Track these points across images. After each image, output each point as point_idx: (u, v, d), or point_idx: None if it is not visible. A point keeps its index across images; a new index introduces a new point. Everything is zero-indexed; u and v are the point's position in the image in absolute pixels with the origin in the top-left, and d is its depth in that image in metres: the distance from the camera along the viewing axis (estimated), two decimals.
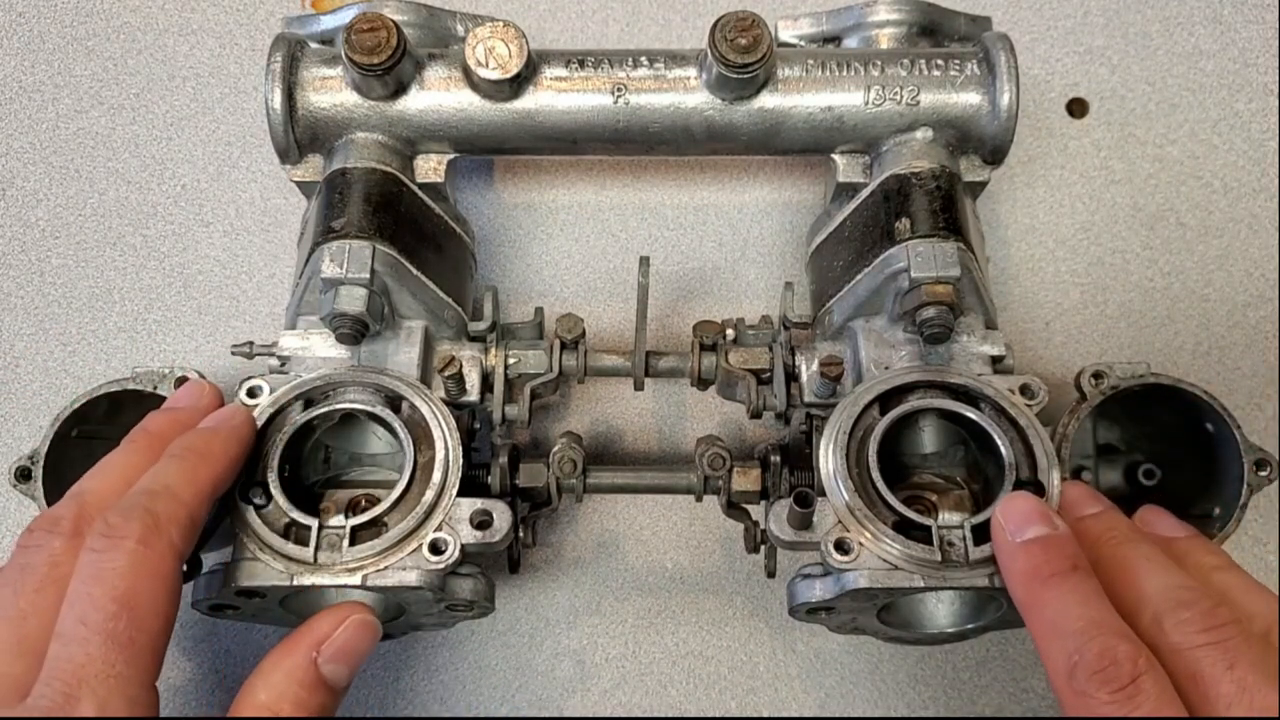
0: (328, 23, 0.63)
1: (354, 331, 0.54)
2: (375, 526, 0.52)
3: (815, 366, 0.57)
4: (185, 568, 0.53)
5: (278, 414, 0.54)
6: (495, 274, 0.70)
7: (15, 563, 0.45)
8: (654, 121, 0.59)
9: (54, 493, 0.55)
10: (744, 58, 0.55)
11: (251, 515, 0.51)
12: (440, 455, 0.53)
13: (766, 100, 0.59)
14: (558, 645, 0.63)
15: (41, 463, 0.55)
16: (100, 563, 0.43)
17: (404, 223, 0.57)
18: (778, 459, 0.56)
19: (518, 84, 0.58)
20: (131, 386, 0.56)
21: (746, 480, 0.57)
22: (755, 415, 0.58)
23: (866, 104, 0.59)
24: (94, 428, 0.57)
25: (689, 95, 0.59)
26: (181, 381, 0.56)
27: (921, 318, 0.54)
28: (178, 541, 0.45)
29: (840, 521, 0.51)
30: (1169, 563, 0.46)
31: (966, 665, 0.63)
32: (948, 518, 0.54)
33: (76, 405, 0.55)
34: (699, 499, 0.58)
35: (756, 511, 0.58)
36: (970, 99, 0.59)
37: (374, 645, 0.50)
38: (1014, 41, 0.59)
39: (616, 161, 0.73)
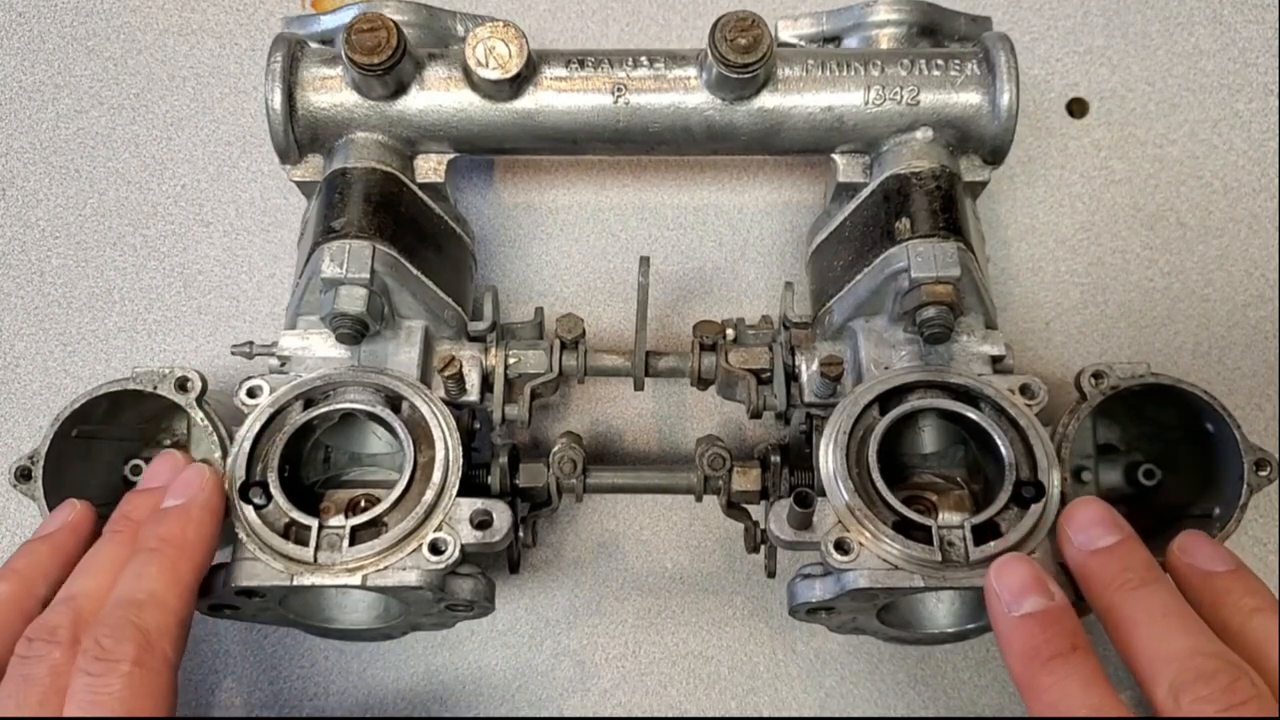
0: (328, 23, 0.63)
1: (354, 331, 0.54)
2: (375, 526, 0.52)
3: (815, 366, 0.57)
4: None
5: (278, 414, 0.54)
6: (495, 274, 0.70)
7: (16, 674, 0.44)
8: (654, 121, 0.59)
9: (54, 493, 0.55)
10: (744, 58, 0.55)
11: (251, 515, 0.51)
12: (440, 455, 0.53)
13: (766, 100, 0.59)
14: (558, 645, 0.63)
15: (41, 463, 0.55)
16: (97, 688, 0.43)
17: (404, 223, 0.57)
18: (778, 459, 0.56)
19: (518, 84, 0.58)
20: (131, 386, 0.56)
21: (746, 480, 0.57)
22: (755, 415, 0.58)
23: (866, 104, 0.59)
24: (94, 428, 0.57)
25: (689, 95, 0.59)
26: (182, 382, 0.56)
27: (921, 318, 0.54)
28: (171, 654, 0.45)
29: (840, 521, 0.51)
30: (1190, 618, 0.44)
31: (966, 665, 0.63)
32: (948, 518, 0.54)
33: (76, 405, 0.55)
34: (699, 499, 0.58)
35: (756, 511, 0.58)
36: (970, 99, 0.59)
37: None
38: (1014, 41, 0.59)
39: (616, 161, 0.73)
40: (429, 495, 0.51)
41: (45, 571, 0.49)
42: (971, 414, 0.53)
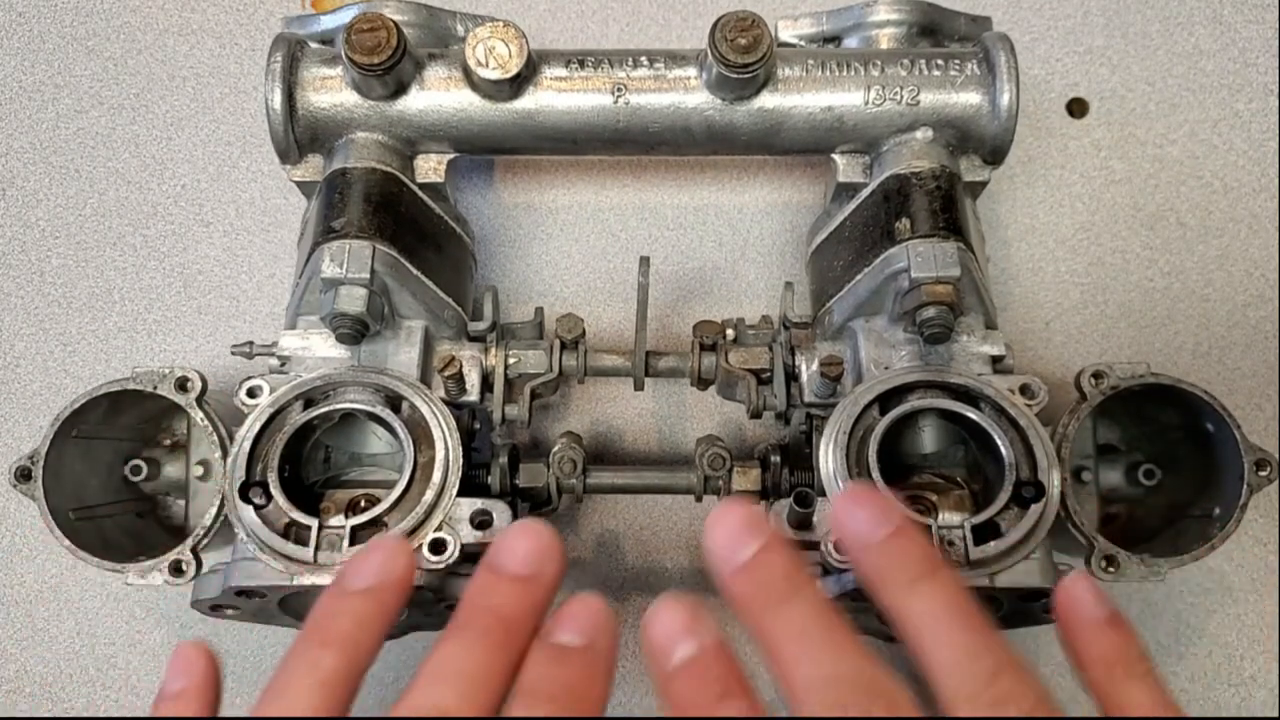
0: (328, 23, 0.63)
1: (354, 331, 0.54)
2: (375, 526, 0.52)
3: (815, 366, 0.57)
4: (185, 567, 0.54)
5: (278, 414, 0.54)
6: (495, 274, 0.70)
7: None
8: (654, 121, 0.59)
9: (54, 493, 0.55)
10: (744, 58, 0.55)
11: (251, 515, 0.51)
12: (440, 455, 0.53)
13: (766, 100, 0.59)
14: None
15: (41, 463, 0.55)
16: None
17: (404, 223, 0.57)
18: (778, 459, 0.56)
19: (518, 84, 0.58)
20: (131, 386, 0.56)
21: (746, 480, 0.57)
22: (755, 415, 0.58)
23: (866, 104, 0.59)
24: (94, 428, 0.57)
25: (689, 95, 0.59)
26: (182, 382, 0.56)
27: (921, 318, 0.54)
28: None
29: None
30: (834, 633, 0.38)
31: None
32: (948, 518, 0.54)
33: (76, 405, 0.55)
34: (699, 499, 0.58)
35: None
36: (970, 99, 0.59)
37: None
38: (1014, 41, 0.59)
39: (616, 161, 0.73)
40: (429, 495, 0.51)
41: (523, 634, 0.38)
42: (971, 414, 0.53)
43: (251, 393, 0.54)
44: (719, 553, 0.40)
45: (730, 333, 0.60)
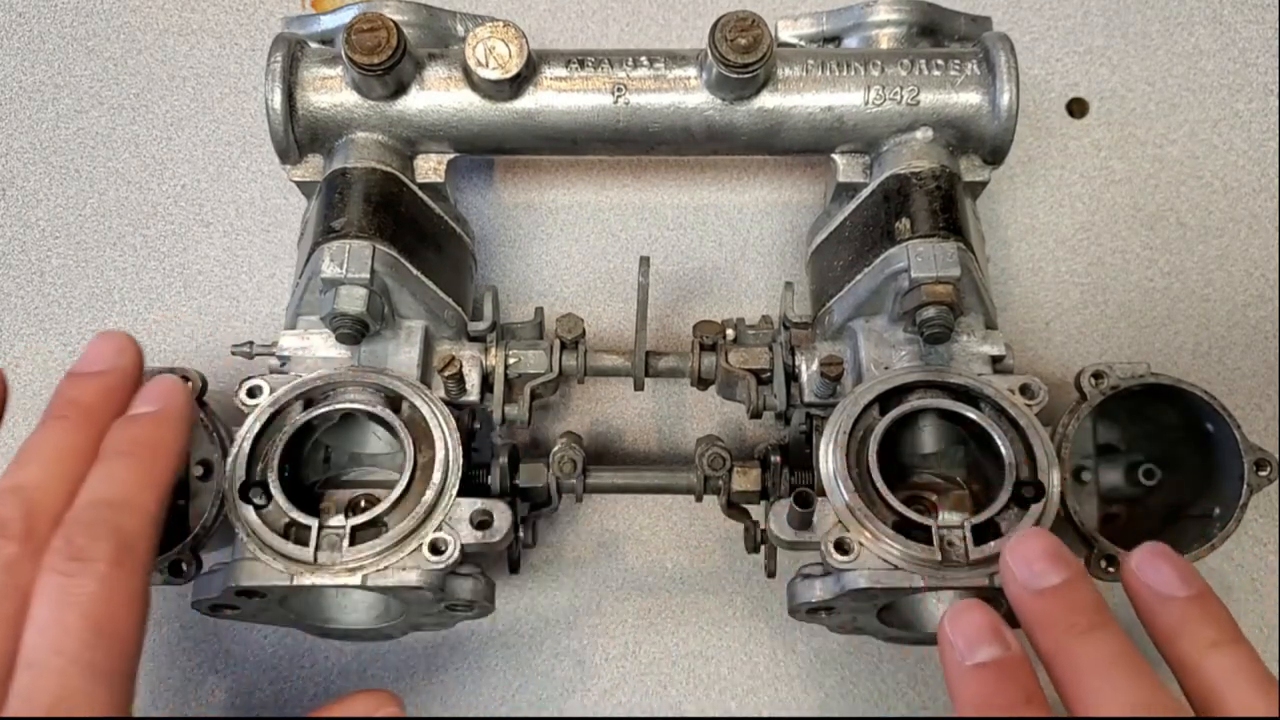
0: (328, 23, 0.63)
1: (354, 331, 0.54)
2: (375, 526, 0.52)
3: (815, 366, 0.57)
4: (185, 567, 0.54)
5: (278, 414, 0.54)
6: (495, 274, 0.70)
7: None
8: (654, 121, 0.59)
9: None
10: (744, 58, 0.55)
11: (251, 515, 0.51)
12: (440, 455, 0.53)
13: (766, 100, 0.59)
14: (558, 645, 0.63)
15: None
16: (70, 588, 0.39)
17: (404, 223, 0.57)
18: (778, 459, 0.56)
19: (518, 84, 0.58)
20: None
21: (746, 480, 0.57)
22: (755, 415, 0.58)
23: (866, 104, 0.59)
24: None
25: (689, 95, 0.59)
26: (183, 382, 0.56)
27: (921, 318, 0.54)
28: (146, 558, 0.42)
29: (840, 521, 0.51)
30: (1138, 666, 0.40)
31: None
32: (948, 518, 0.54)
33: None
34: (699, 499, 0.58)
35: (756, 511, 0.58)
36: (970, 99, 0.59)
37: None
38: (1014, 41, 0.59)
39: (616, 161, 0.73)
40: (429, 495, 0.51)
41: (102, 417, 0.46)
42: (971, 414, 0.53)
43: (251, 393, 0.54)
44: (1022, 573, 0.43)
45: (730, 333, 0.60)
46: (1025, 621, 0.43)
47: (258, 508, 0.51)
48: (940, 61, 0.59)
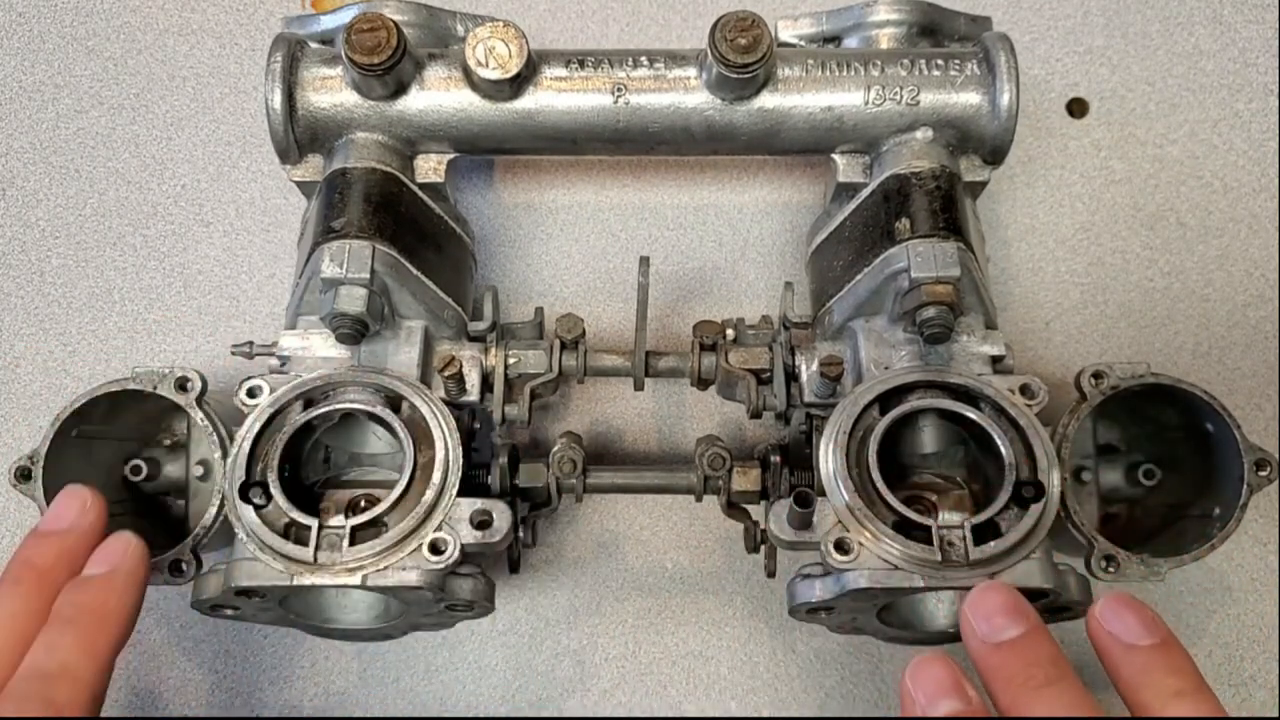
0: (328, 23, 0.63)
1: (354, 331, 0.54)
2: (375, 526, 0.52)
3: (815, 366, 0.57)
4: (185, 567, 0.54)
5: (278, 414, 0.54)
6: (495, 274, 0.70)
7: None
8: (654, 121, 0.59)
9: (54, 493, 0.55)
10: (744, 58, 0.55)
11: (251, 515, 0.51)
12: (440, 455, 0.53)
13: (766, 100, 0.59)
14: (558, 645, 0.63)
15: (41, 463, 0.55)
16: None
17: (404, 223, 0.57)
18: (778, 459, 0.56)
19: (518, 84, 0.58)
20: (131, 386, 0.56)
21: (746, 480, 0.57)
22: (755, 415, 0.58)
23: (866, 104, 0.59)
24: (94, 428, 0.57)
25: (689, 95, 0.59)
26: (182, 382, 0.56)
27: (921, 318, 0.54)
28: None
29: (840, 521, 0.51)
30: None
31: (966, 665, 0.63)
32: (948, 518, 0.54)
33: (76, 405, 0.55)
34: (699, 499, 0.58)
35: (756, 511, 0.58)
36: (970, 99, 0.59)
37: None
38: (1014, 41, 0.59)
39: (616, 161, 0.73)
40: (429, 495, 0.51)
41: (56, 580, 0.46)
42: (971, 414, 0.53)
43: (251, 393, 0.54)
44: (981, 627, 0.44)
45: (730, 333, 0.60)
46: (984, 674, 0.44)
47: (258, 508, 0.51)
48: (940, 61, 0.59)
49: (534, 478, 0.57)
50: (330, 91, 0.58)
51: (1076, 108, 0.75)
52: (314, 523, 0.51)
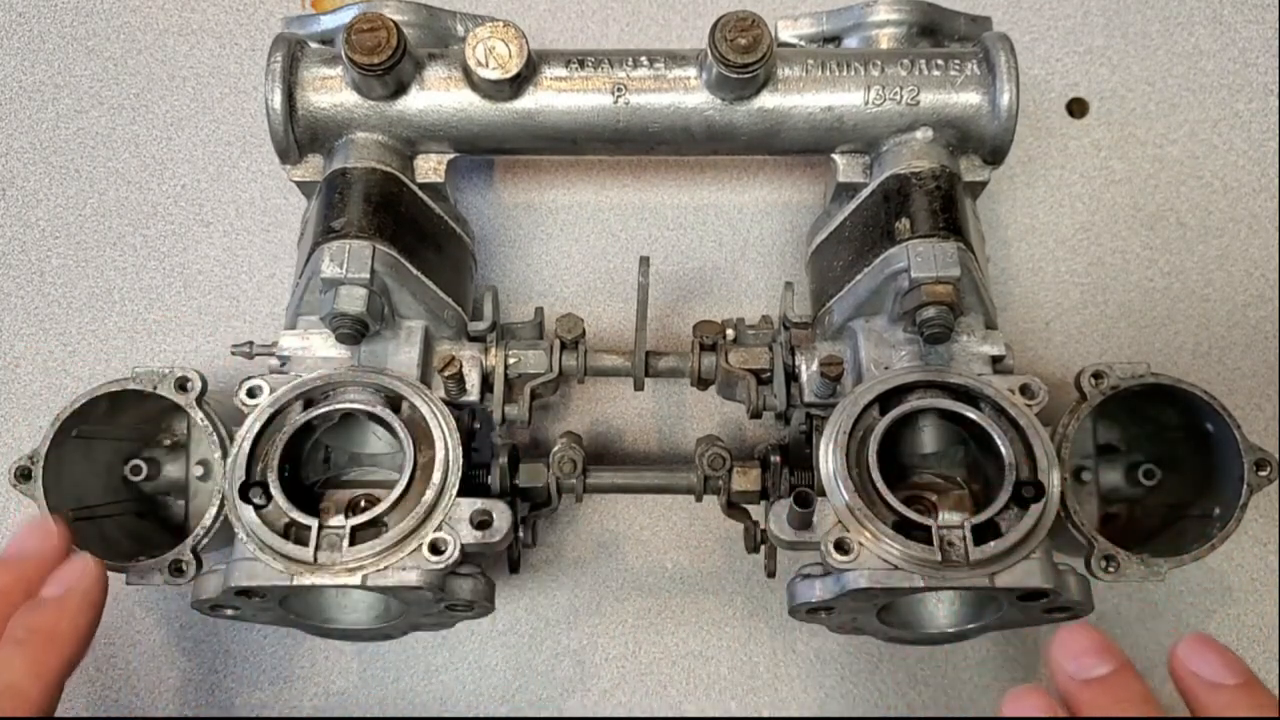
0: (328, 23, 0.63)
1: (354, 331, 0.54)
2: (375, 526, 0.52)
3: (815, 366, 0.57)
4: (185, 567, 0.54)
5: (278, 414, 0.54)
6: (495, 274, 0.70)
7: None
8: (654, 121, 0.59)
9: (54, 493, 0.55)
10: (744, 58, 0.55)
11: (251, 515, 0.51)
12: (440, 455, 0.53)
13: (766, 100, 0.59)
14: (558, 645, 0.63)
15: (41, 463, 0.55)
16: None
17: (404, 223, 0.57)
18: (778, 459, 0.56)
19: (518, 84, 0.58)
20: (131, 386, 0.56)
21: (746, 480, 0.57)
22: (755, 415, 0.58)
23: (866, 104, 0.59)
24: (94, 428, 0.57)
25: (689, 95, 0.59)
26: (182, 382, 0.56)
27: (921, 318, 0.54)
28: None
29: (840, 521, 0.51)
30: None
31: (966, 665, 0.63)
32: (948, 518, 0.54)
33: (76, 405, 0.55)
34: (699, 499, 0.58)
35: (756, 511, 0.58)
36: (970, 99, 0.59)
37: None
38: (1014, 41, 0.59)
39: (616, 161, 0.73)
40: (429, 495, 0.51)
41: (12, 603, 0.46)
42: (971, 414, 0.53)
43: (251, 393, 0.54)
44: (1070, 664, 0.44)
45: (730, 333, 0.60)
46: (1076, 710, 0.44)
47: (257, 508, 0.51)
48: (940, 61, 0.59)
49: (534, 478, 0.57)
50: (330, 91, 0.58)
51: (1076, 108, 0.75)
52: (314, 523, 0.51)
